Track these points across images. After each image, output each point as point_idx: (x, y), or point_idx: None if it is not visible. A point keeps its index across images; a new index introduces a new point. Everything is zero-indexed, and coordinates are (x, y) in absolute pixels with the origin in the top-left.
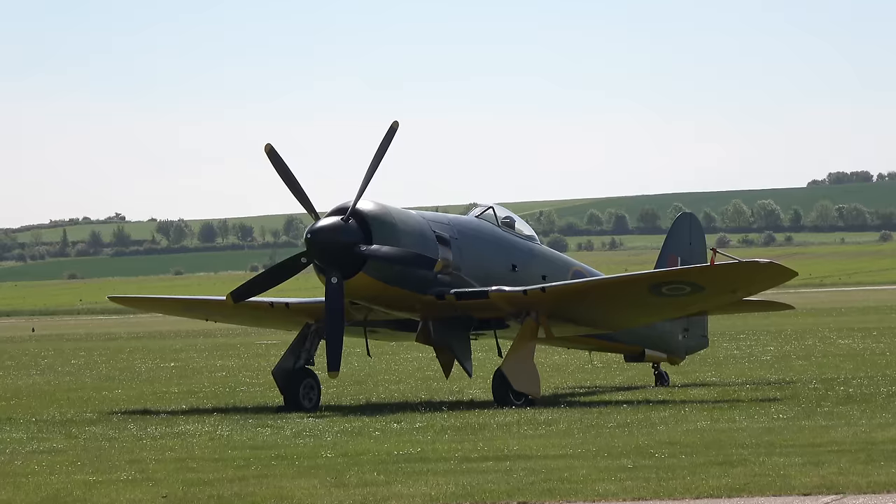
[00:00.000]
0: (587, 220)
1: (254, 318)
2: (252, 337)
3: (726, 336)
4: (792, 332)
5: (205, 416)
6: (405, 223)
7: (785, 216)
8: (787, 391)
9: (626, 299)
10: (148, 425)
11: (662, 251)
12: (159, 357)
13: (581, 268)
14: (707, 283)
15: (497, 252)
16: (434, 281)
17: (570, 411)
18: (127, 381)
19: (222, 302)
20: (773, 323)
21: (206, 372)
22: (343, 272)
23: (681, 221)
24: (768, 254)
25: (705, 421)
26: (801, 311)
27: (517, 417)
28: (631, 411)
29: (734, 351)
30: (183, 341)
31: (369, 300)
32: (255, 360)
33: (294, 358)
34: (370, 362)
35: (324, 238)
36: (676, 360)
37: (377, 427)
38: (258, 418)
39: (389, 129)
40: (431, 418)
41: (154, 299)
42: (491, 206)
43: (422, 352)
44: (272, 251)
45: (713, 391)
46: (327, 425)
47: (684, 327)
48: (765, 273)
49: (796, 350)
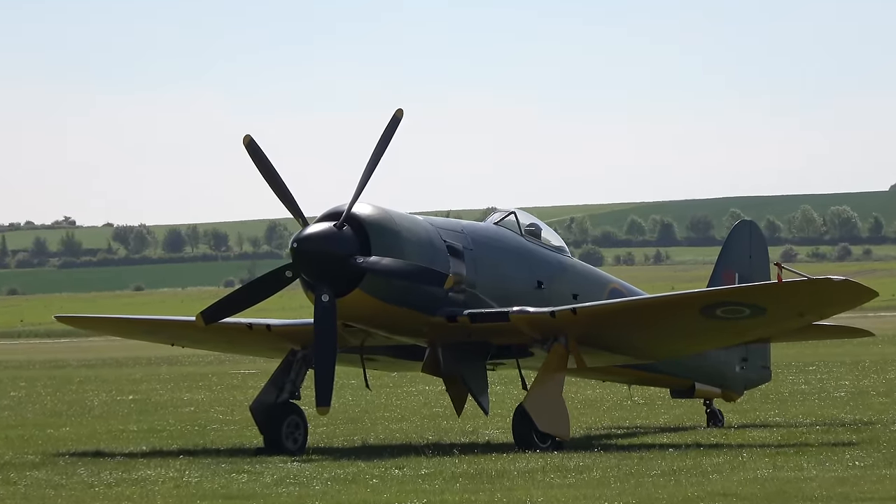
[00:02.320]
0: (627, 228)
1: (228, 343)
2: (226, 365)
3: (792, 368)
4: (871, 363)
5: (169, 460)
6: (410, 231)
7: (863, 225)
8: (864, 434)
9: (672, 323)
10: (101, 470)
11: (716, 266)
12: (115, 389)
13: (619, 285)
14: (770, 304)
15: (519, 266)
16: (444, 299)
17: (606, 456)
18: (76, 417)
19: (191, 323)
20: (848, 352)
21: (170, 407)
22: (336, 289)
23: (738, 231)
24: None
25: (767, 469)
26: (882, 339)
27: (542, 463)
28: (678, 457)
29: (802, 385)
30: (144, 370)
31: (367, 322)
32: (229, 392)
33: (276, 391)
34: (367, 396)
35: (313, 248)
36: (733, 395)
37: (375, 474)
38: (233, 462)
39: (392, 119)
40: (440, 463)
41: (109, 320)
42: (513, 211)
43: (429, 384)
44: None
45: (776, 433)
46: (315, 471)
47: (742, 357)
48: (839, 293)
49: (876, 385)
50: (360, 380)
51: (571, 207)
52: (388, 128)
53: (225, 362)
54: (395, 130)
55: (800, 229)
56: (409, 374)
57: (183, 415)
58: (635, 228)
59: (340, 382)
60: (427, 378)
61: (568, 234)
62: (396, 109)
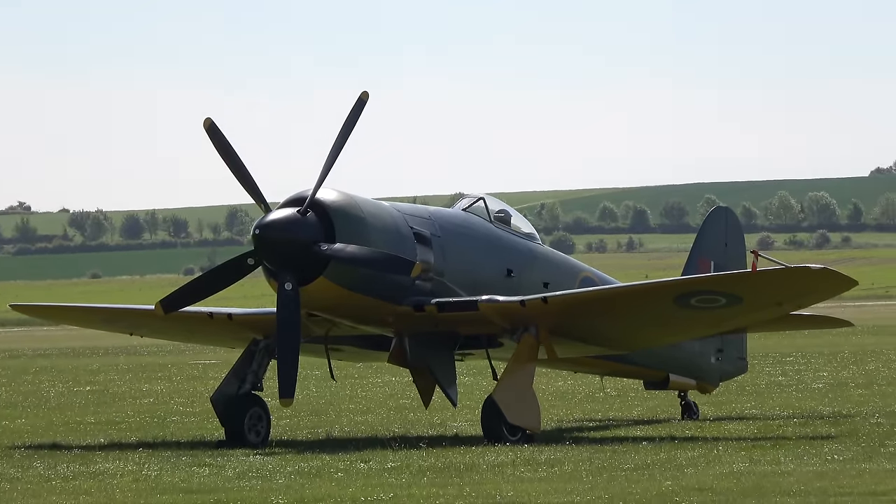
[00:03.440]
0: (599, 215)
1: (188, 333)
2: (186, 355)
3: (769, 359)
4: (850, 354)
5: (128, 453)
6: (376, 217)
7: (842, 212)
8: (843, 427)
9: (646, 313)
10: (58, 463)
11: (691, 254)
12: (72, 379)
13: (591, 273)
14: (746, 293)
15: (488, 253)
16: (411, 288)
17: (578, 450)
18: (32, 409)
19: (150, 312)
20: (826, 343)
21: (129, 398)
22: (299, 276)
23: (714, 218)
24: (821, 258)
25: (743, 463)
26: (861, 329)
27: (512, 457)
28: (652, 450)
29: (779, 377)
30: (101, 360)
31: (331, 311)
32: (189, 383)
33: (238, 382)
34: (332, 387)
35: (275, 235)
36: (708, 387)
37: (340, 467)
38: (193, 455)
39: (357, 101)
40: (407, 457)
41: (66, 308)
42: (481, 196)
43: (395, 375)
44: (211, 250)
45: (753, 426)
46: (278, 464)
47: (718, 348)
48: (817, 281)
49: (855, 376)
50: (324, 370)
51: (542, 193)
52: (353, 110)
53: (185, 352)
54: (360, 113)
55: (777, 216)
56: (375, 364)
57: (142, 406)
58: (607, 215)
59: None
60: (393, 369)
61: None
62: (362, 91)
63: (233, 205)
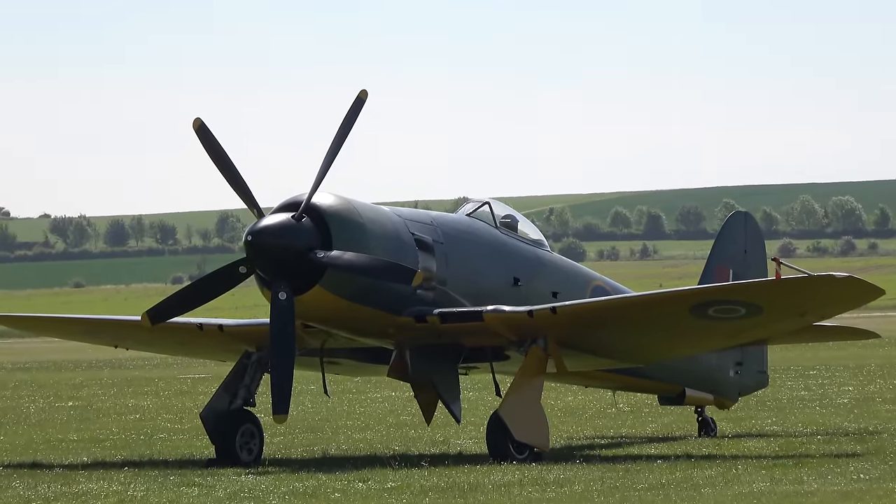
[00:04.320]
0: (611, 220)
1: (177, 345)
2: (174, 369)
3: (791, 372)
4: (876, 367)
5: (112, 472)
6: (375, 223)
7: (869, 217)
8: (869, 444)
9: (661, 324)
10: (38, 483)
11: (708, 262)
12: (53, 394)
13: (603, 282)
14: (767, 302)
15: (494, 261)
16: (412, 298)
17: (588, 468)
18: (11, 426)
19: (136, 323)
20: (852, 355)
21: (114, 414)
22: (294, 285)
23: (732, 223)
24: (846, 266)
25: (763, 482)
26: (888, 341)
27: (519, 476)
28: (667, 469)
29: (801, 392)
30: (84, 374)
31: (328, 322)
32: (178, 398)
33: (229, 397)
34: (328, 403)
35: (269, 241)
36: (726, 402)
37: (336, 487)
38: (182, 475)
39: (355, 100)
40: (408, 476)
41: (46, 319)
42: (487, 201)
43: (396, 390)
44: (201, 258)
45: (774, 443)
46: (272, 484)
47: (737, 360)
48: (842, 290)
49: (882, 391)
50: (320, 385)
51: (550, 197)
52: (351, 110)
53: (173, 366)
54: (358, 113)
55: (799, 221)
56: (374, 378)
57: (127, 423)
58: (620, 220)
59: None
60: (393, 383)
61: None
62: (360, 90)
63: (224, 210)
